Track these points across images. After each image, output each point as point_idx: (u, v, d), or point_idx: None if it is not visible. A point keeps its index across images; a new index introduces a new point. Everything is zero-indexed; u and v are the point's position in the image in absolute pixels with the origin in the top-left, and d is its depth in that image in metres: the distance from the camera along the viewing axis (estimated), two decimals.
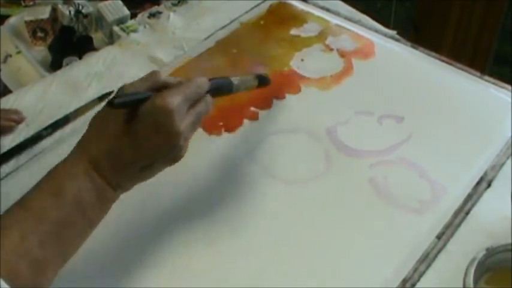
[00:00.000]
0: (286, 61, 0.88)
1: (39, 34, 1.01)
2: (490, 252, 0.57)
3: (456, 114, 0.78)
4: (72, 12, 1.01)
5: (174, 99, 0.53)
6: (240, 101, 0.82)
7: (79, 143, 0.55)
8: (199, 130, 0.77)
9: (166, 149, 0.55)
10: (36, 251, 0.48)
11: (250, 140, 0.76)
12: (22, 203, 0.51)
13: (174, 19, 1.00)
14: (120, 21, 0.99)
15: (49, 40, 1.01)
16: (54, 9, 1.04)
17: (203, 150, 0.74)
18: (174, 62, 0.90)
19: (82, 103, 0.84)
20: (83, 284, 0.59)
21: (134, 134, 0.53)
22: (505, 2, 1.47)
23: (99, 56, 0.93)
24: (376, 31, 0.93)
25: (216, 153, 0.74)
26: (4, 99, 0.86)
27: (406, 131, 0.76)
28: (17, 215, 0.50)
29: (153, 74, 0.57)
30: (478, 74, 0.84)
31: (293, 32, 0.94)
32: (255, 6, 1.00)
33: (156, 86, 0.55)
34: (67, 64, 0.94)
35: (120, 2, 1.01)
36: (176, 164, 0.57)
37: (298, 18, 0.97)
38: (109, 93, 0.85)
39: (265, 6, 1.00)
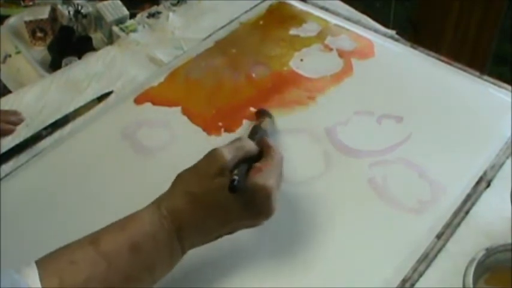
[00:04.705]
0: (286, 61, 0.88)
1: (39, 34, 1.02)
2: (490, 252, 0.57)
3: (455, 114, 0.78)
4: (72, 12, 1.01)
5: (272, 181, 0.55)
6: (240, 102, 0.82)
7: (167, 201, 0.55)
8: (199, 130, 0.78)
9: (254, 225, 0.58)
10: None
11: None
12: (97, 243, 0.50)
13: (173, 19, 1.00)
14: (120, 21, 0.99)
15: (48, 40, 1.01)
16: (53, 9, 1.04)
17: (203, 151, 0.74)
18: (174, 62, 0.90)
19: (81, 103, 0.84)
20: None
21: (231, 209, 0.54)
22: (504, 2, 1.47)
23: (99, 56, 0.93)
24: (376, 31, 0.93)
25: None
26: (4, 99, 0.86)
27: (406, 130, 0.76)
28: (89, 254, 0.50)
29: (242, 144, 0.58)
30: (478, 73, 0.84)
31: (292, 32, 0.94)
32: (254, 6, 1.00)
33: (246, 156, 0.57)
34: (66, 64, 0.94)
35: (120, 2, 1.01)
36: (175, 165, 0.58)
37: (297, 18, 0.97)
38: (108, 93, 0.85)
39: (264, 6, 1.00)
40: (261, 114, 0.76)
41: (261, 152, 0.60)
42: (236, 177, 0.53)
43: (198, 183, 0.55)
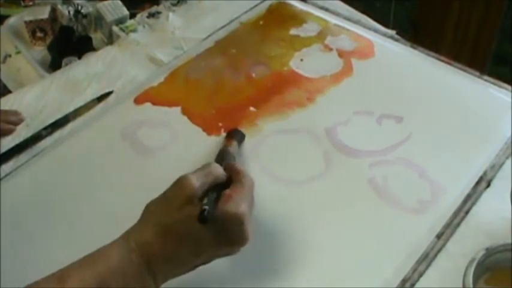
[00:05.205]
0: (286, 61, 0.88)
1: (39, 34, 1.02)
2: (490, 252, 0.57)
3: (455, 114, 0.78)
4: (72, 12, 1.01)
5: (244, 208, 0.54)
6: (240, 101, 0.82)
7: (136, 233, 0.53)
8: (199, 130, 0.78)
9: (229, 253, 0.56)
10: None
11: (250, 140, 0.76)
12: (64, 281, 0.49)
13: (173, 19, 1.00)
14: (120, 21, 0.99)
15: (48, 40, 1.01)
16: (53, 9, 1.04)
17: (203, 151, 0.74)
18: (174, 62, 0.90)
19: (81, 103, 0.84)
20: None
21: (203, 239, 0.53)
22: (504, 2, 1.47)
23: (99, 56, 0.93)
24: (376, 31, 0.93)
25: (215, 154, 0.74)
26: (4, 99, 0.86)
27: (406, 131, 0.76)
28: None
29: (210, 170, 0.56)
30: (478, 73, 0.84)
31: (292, 32, 0.94)
32: (255, 6, 1.00)
33: (215, 183, 0.56)
34: (66, 64, 0.94)
35: (120, 2, 1.01)
36: (175, 165, 0.58)
37: (297, 18, 0.97)
38: (108, 93, 0.85)
39: (264, 6, 1.00)
40: (232, 135, 0.74)
41: (230, 177, 0.58)
42: (206, 207, 0.51)
43: (166, 213, 0.53)
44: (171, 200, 0.53)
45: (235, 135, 0.74)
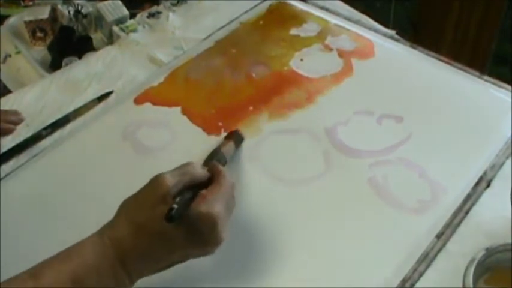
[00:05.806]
0: (286, 61, 0.88)
1: (39, 34, 1.02)
2: (490, 252, 0.57)
3: (455, 114, 0.78)
4: (72, 12, 1.01)
5: (218, 209, 0.53)
6: (240, 101, 0.82)
7: (110, 229, 0.53)
8: (199, 130, 0.78)
9: (204, 254, 0.55)
10: None
11: (250, 141, 0.76)
12: (38, 277, 0.49)
13: (173, 19, 1.00)
14: (120, 21, 0.99)
15: (48, 40, 1.01)
16: (53, 9, 1.04)
17: (202, 151, 0.74)
18: (174, 62, 0.90)
19: (82, 103, 0.84)
20: None
21: (175, 238, 0.52)
22: (504, 2, 1.47)
23: (99, 56, 0.93)
24: (376, 31, 0.93)
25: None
26: (4, 99, 0.86)
27: (406, 131, 0.76)
28: None
29: (188, 169, 0.56)
30: (478, 73, 0.84)
31: (292, 31, 0.94)
32: (255, 6, 1.00)
33: (193, 182, 0.55)
34: (66, 64, 0.94)
35: (120, 2, 1.01)
36: (175, 165, 0.58)
37: (297, 18, 0.97)
38: (108, 93, 0.85)
39: (264, 6, 1.00)
40: (230, 136, 0.74)
41: (211, 178, 0.57)
42: (175, 206, 0.50)
43: (139, 211, 0.53)
44: (145, 198, 0.54)
45: (233, 136, 0.74)
